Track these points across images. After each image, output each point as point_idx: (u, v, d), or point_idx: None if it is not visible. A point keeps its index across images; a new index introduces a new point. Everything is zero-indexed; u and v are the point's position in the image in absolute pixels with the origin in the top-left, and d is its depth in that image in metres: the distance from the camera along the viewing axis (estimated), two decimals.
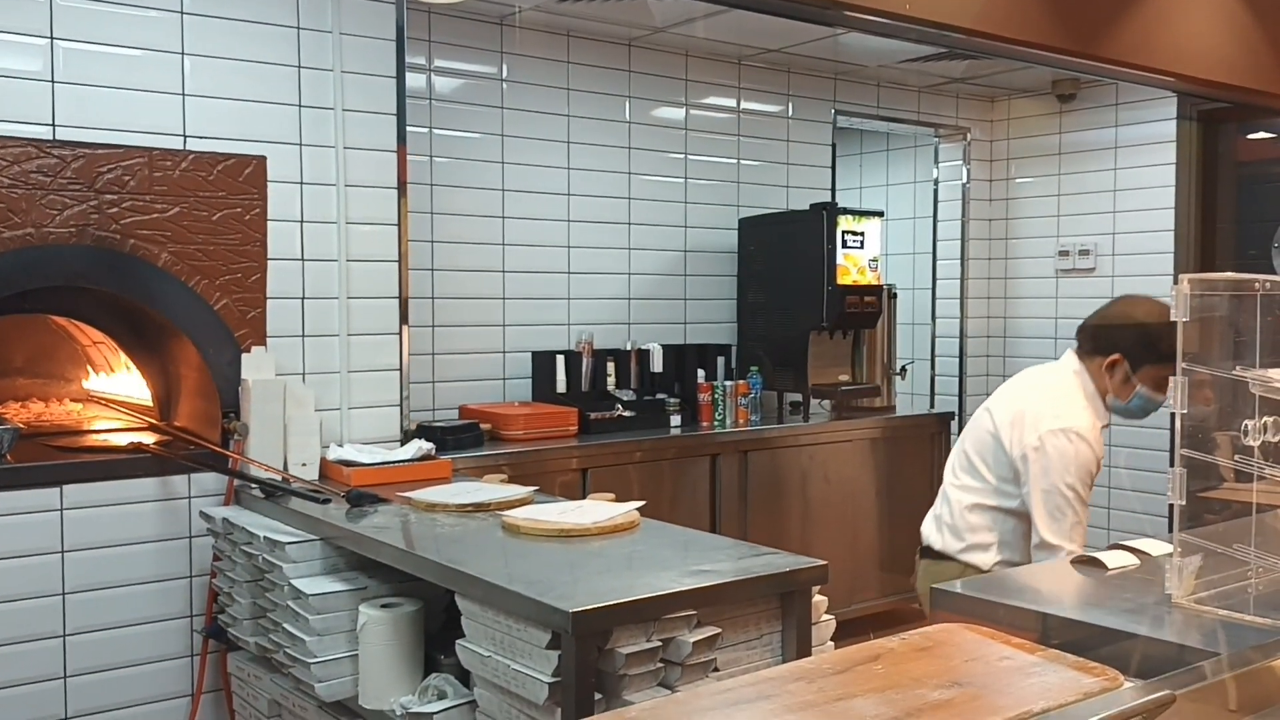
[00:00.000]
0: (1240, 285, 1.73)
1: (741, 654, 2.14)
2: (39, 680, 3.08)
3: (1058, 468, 2.70)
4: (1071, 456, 2.70)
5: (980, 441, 2.90)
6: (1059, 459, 2.70)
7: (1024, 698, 1.38)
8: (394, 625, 2.51)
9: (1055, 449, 2.70)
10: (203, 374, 3.38)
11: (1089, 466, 2.73)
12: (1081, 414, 2.77)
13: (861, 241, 4.95)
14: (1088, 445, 2.72)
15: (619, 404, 4.52)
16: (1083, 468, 2.71)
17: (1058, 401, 2.80)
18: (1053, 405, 2.79)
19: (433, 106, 4.43)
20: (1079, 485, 2.71)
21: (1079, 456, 2.70)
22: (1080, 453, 2.71)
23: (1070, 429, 2.72)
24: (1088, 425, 2.75)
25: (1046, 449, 2.71)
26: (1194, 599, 1.73)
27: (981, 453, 2.89)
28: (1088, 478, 2.73)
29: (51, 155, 3.09)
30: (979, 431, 2.93)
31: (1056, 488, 2.70)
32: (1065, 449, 2.70)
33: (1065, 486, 2.69)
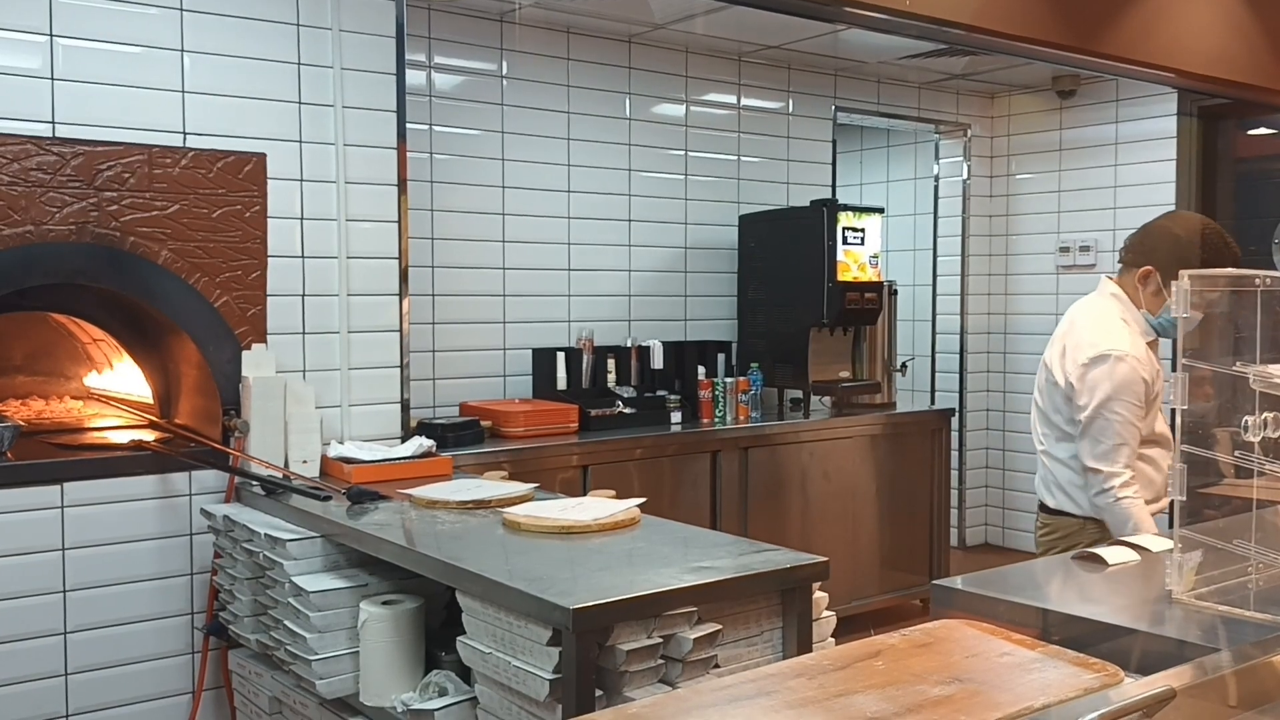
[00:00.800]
0: (1240, 281, 1.73)
1: (742, 650, 2.14)
2: (40, 678, 3.09)
3: (1099, 392, 2.71)
4: (1110, 378, 2.70)
5: (1044, 393, 2.92)
6: (1099, 383, 2.71)
7: (1024, 693, 1.39)
8: (395, 622, 2.51)
9: (1095, 374, 2.72)
10: (203, 371, 3.38)
11: (1132, 385, 2.72)
12: (1119, 335, 2.77)
13: (862, 238, 4.95)
14: (1126, 365, 2.71)
15: (619, 401, 4.52)
16: (1124, 388, 2.71)
17: (1094, 328, 2.82)
18: (1090, 333, 2.81)
19: (433, 103, 4.43)
20: (1120, 407, 2.71)
21: (1117, 377, 2.70)
22: (1118, 373, 2.71)
23: (1107, 352, 2.73)
24: (1126, 344, 2.75)
25: (1087, 376, 2.73)
26: (1194, 595, 1.73)
27: (1051, 402, 2.89)
28: (1132, 397, 2.72)
29: (51, 153, 3.09)
30: (1041, 383, 2.94)
31: (1099, 412, 2.71)
32: (1104, 372, 2.71)
33: (1106, 409, 2.70)
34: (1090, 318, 2.87)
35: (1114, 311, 2.85)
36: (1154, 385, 2.79)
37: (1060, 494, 2.89)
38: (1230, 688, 1.32)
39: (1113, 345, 2.75)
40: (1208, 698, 1.29)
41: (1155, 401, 2.83)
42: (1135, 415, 2.73)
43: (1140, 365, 2.75)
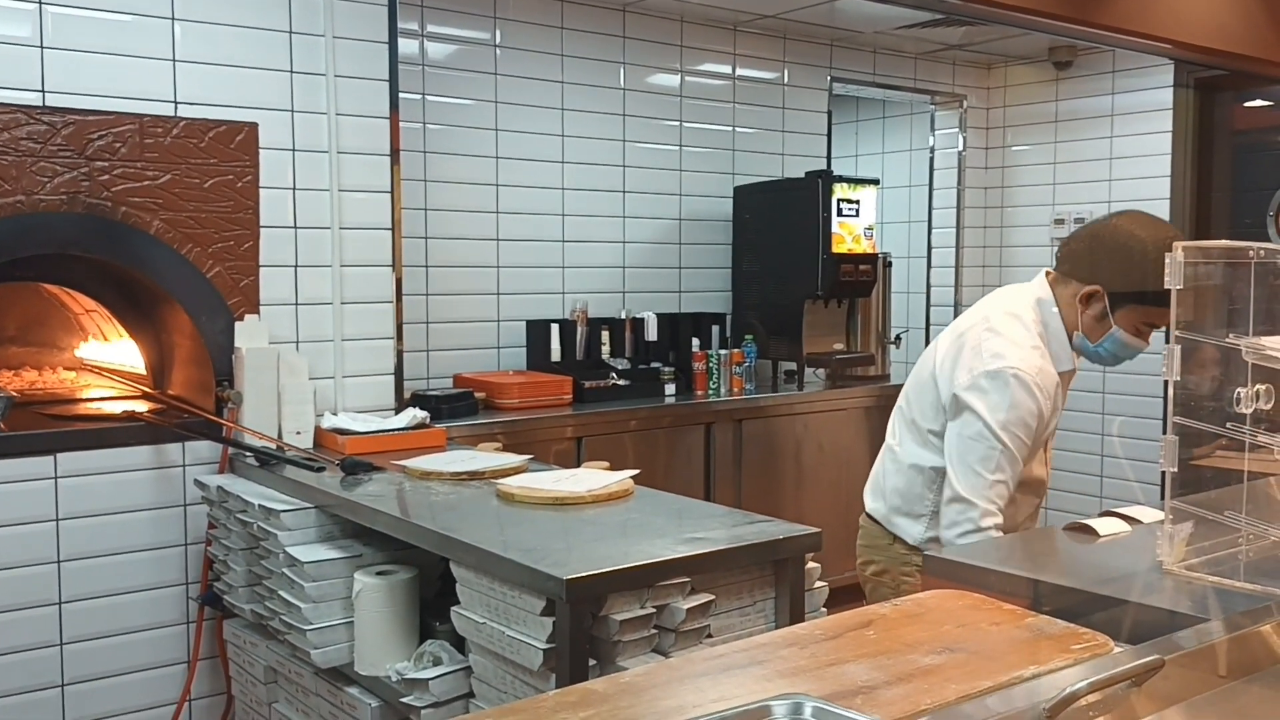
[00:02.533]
0: (1235, 253, 1.72)
1: (735, 620, 2.15)
2: (35, 648, 3.10)
3: (989, 415, 2.28)
4: (1005, 402, 2.28)
5: (918, 383, 2.51)
6: (992, 405, 2.29)
7: (1014, 663, 1.39)
8: (389, 592, 2.52)
9: (990, 391, 2.30)
10: (196, 342, 3.37)
11: (1027, 419, 2.30)
12: (1029, 357, 2.33)
13: (857, 210, 4.94)
14: (1028, 392, 2.29)
15: (613, 373, 4.52)
16: (1019, 418, 2.29)
17: (1004, 334, 2.36)
18: (996, 340, 2.35)
19: (425, 72, 4.40)
20: (1008, 439, 2.28)
21: (1016, 403, 2.28)
22: (1018, 399, 2.28)
23: (1010, 368, 2.30)
24: (1034, 368, 2.32)
25: (979, 389, 2.31)
26: (1184, 565, 1.74)
27: (919, 396, 2.49)
28: (1022, 431, 2.29)
29: (41, 122, 3.07)
30: (920, 371, 2.53)
31: (983, 435, 2.29)
32: (1001, 393, 2.29)
33: (993, 437, 2.28)
34: (1002, 323, 2.39)
35: (1032, 322, 2.40)
36: (1049, 424, 2.39)
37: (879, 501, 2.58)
38: (1220, 657, 1.33)
39: (1019, 364, 2.31)
40: (1197, 667, 1.30)
41: (1043, 443, 2.43)
42: (1020, 451, 2.31)
43: (1042, 396, 2.32)
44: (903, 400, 2.59)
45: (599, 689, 1.33)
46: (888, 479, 2.57)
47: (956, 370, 2.38)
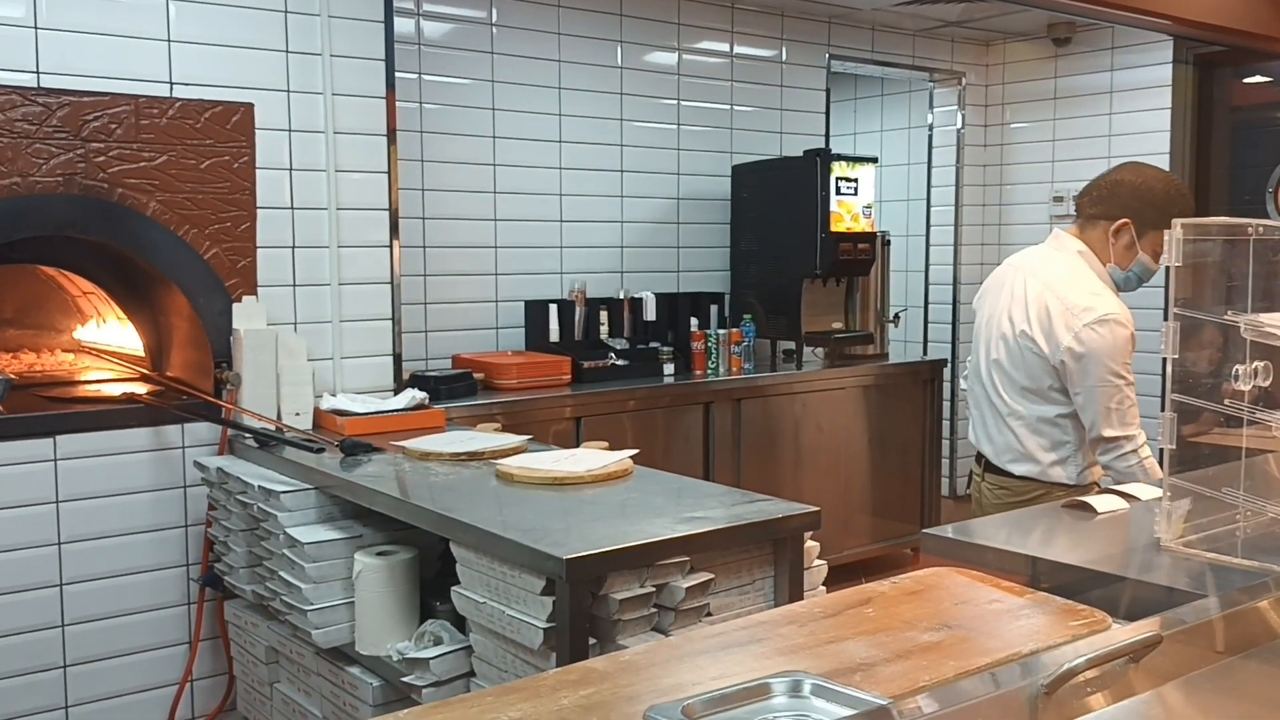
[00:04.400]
0: (1234, 230, 1.72)
1: (734, 599, 2.16)
2: (37, 629, 3.11)
3: (1105, 360, 2.63)
4: (1112, 344, 2.63)
5: (1013, 357, 2.77)
6: (1103, 351, 2.63)
7: (1012, 640, 1.40)
8: (389, 572, 2.52)
9: (1097, 342, 2.63)
10: (194, 324, 3.37)
11: (1128, 348, 2.68)
12: (1109, 297, 2.72)
13: (855, 188, 4.92)
14: (1123, 327, 2.66)
15: (612, 353, 4.52)
16: (1124, 350, 2.66)
17: (1081, 290, 2.70)
18: (1078, 296, 2.69)
19: (421, 52, 4.38)
20: (1125, 370, 2.66)
21: (1118, 341, 2.64)
22: (1118, 337, 2.64)
23: (1105, 316, 2.64)
24: (1117, 307, 2.69)
25: (1088, 344, 2.63)
26: (1182, 542, 1.74)
27: (1025, 368, 2.76)
28: (1129, 358, 2.68)
29: (36, 103, 3.06)
30: (1006, 347, 2.79)
31: (1108, 380, 2.64)
32: (1106, 338, 2.63)
33: (1114, 376, 2.64)
34: (1069, 280, 2.73)
35: (1091, 270, 2.77)
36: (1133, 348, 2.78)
37: (1029, 463, 2.78)
38: (1217, 633, 1.33)
39: (1108, 309, 2.66)
40: (1194, 643, 1.30)
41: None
42: (1132, 375, 2.70)
43: (1129, 325, 2.69)
44: (996, 372, 2.83)
45: (599, 667, 1.34)
46: (1026, 442, 2.78)
47: (1057, 332, 2.68)
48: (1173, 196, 2.74)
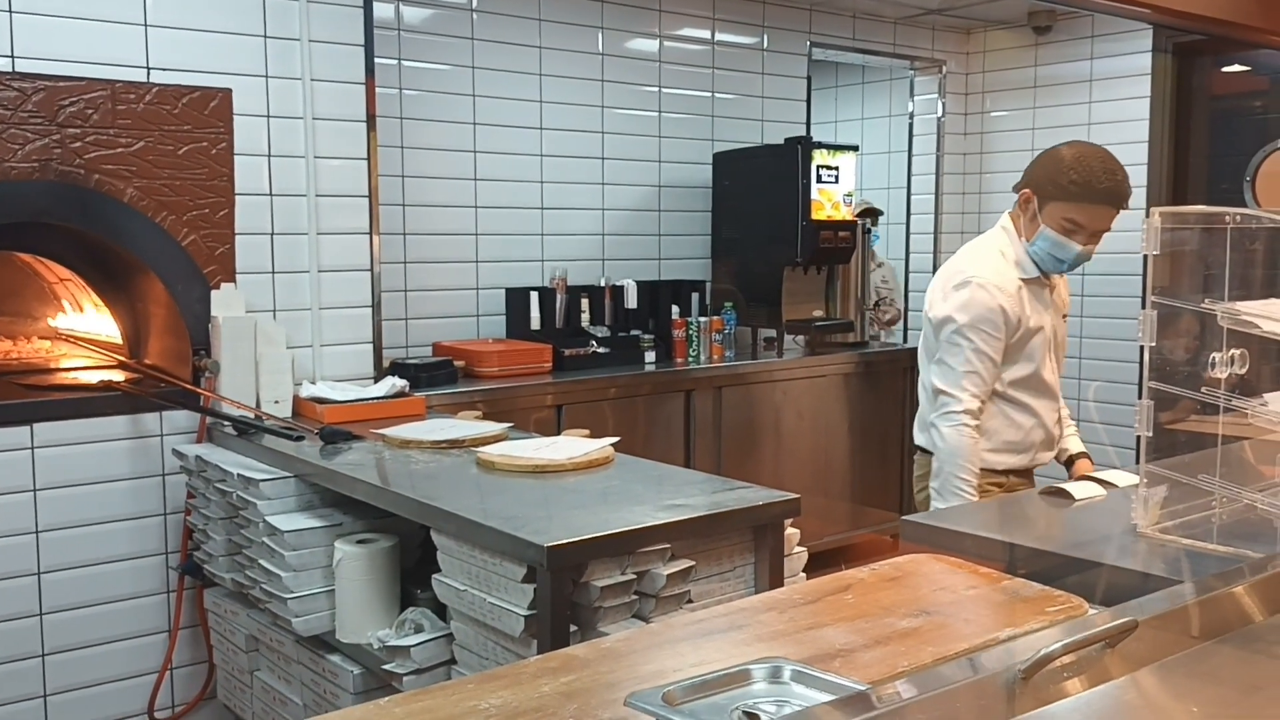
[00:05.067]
0: (1211, 218, 1.73)
1: (715, 586, 2.16)
2: (14, 618, 3.09)
3: (956, 317, 2.66)
4: (967, 304, 2.65)
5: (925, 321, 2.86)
6: (956, 308, 2.66)
7: (990, 625, 1.41)
8: (370, 561, 2.52)
9: (954, 299, 2.68)
10: (172, 311, 3.34)
11: (989, 315, 2.64)
12: (987, 264, 2.70)
13: (836, 176, 4.93)
14: (985, 292, 2.64)
15: (593, 340, 4.52)
16: (980, 316, 2.64)
17: (966, 256, 2.78)
18: (960, 260, 2.77)
19: (401, 37, 4.35)
20: (973, 334, 2.64)
21: (975, 303, 2.64)
22: (976, 299, 2.64)
23: (969, 278, 2.67)
24: (989, 273, 2.67)
25: (947, 301, 2.70)
26: (1159, 529, 1.76)
27: (924, 334, 2.85)
28: (989, 326, 2.64)
29: (11, 88, 3.03)
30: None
31: (952, 337, 2.67)
32: (962, 297, 2.66)
33: (959, 334, 2.65)
34: (969, 247, 2.84)
35: (995, 243, 2.77)
36: (1025, 323, 2.70)
37: (924, 432, 2.83)
38: (1192, 619, 1.34)
39: (975, 272, 2.68)
40: (1170, 629, 1.32)
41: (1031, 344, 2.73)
42: (990, 347, 2.66)
43: (1002, 295, 2.66)
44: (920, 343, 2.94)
45: (580, 654, 1.34)
46: (924, 409, 2.85)
47: (933, 295, 2.79)
48: (1076, 168, 2.64)
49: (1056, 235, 2.68)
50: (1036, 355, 2.75)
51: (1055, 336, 2.81)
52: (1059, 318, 2.85)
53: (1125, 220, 2.74)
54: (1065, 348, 2.91)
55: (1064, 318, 2.89)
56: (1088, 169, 2.63)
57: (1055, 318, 2.82)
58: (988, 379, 2.68)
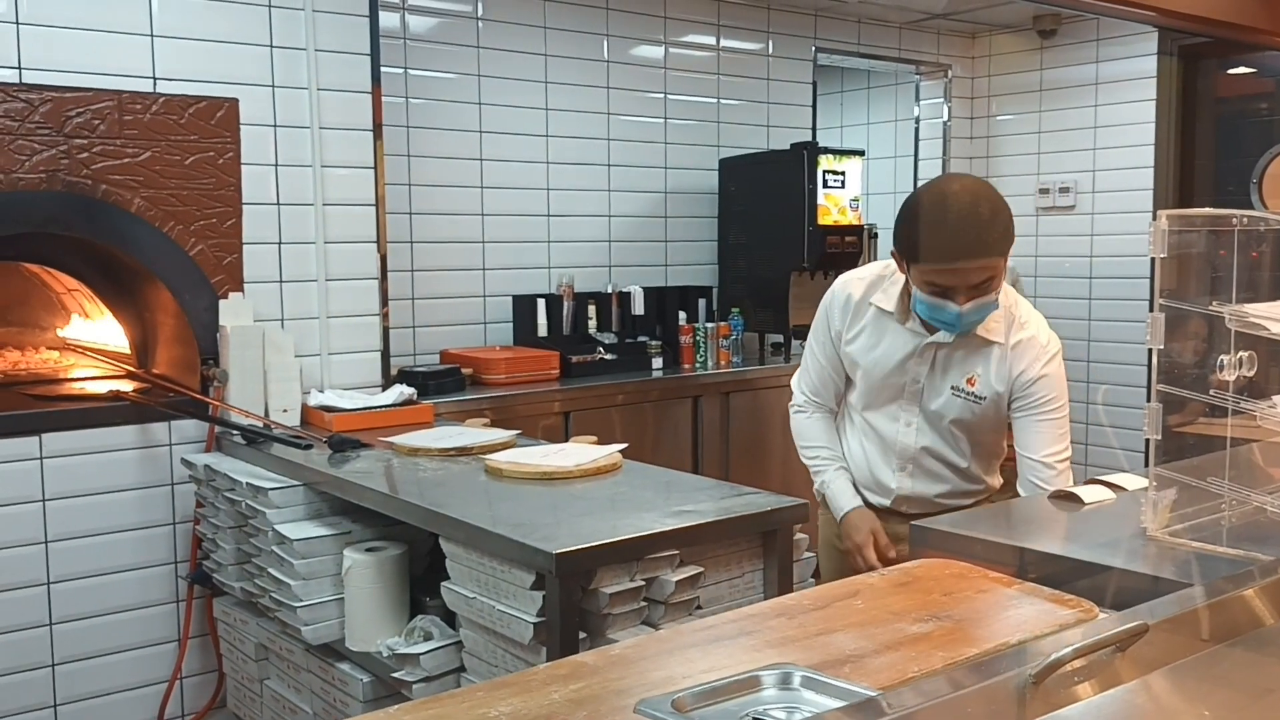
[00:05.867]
0: (1218, 221, 1.73)
1: (724, 592, 2.16)
2: (24, 628, 3.10)
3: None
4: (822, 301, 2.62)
5: None
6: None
7: (1000, 630, 1.41)
8: (379, 568, 2.52)
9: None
10: (180, 321, 3.35)
11: (822, 314, 2.60)
12: (850, 275, 2.59)
13: (843, 181, 4.93)
14: (829, 295, 2.59)
15: (600, 347, 4.52)
16: (818, 314, 2.62)
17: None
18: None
19: (407, 46, 4.36)
20: (810, 332, 2.65)
21: (821, 302, 2.62)
22: (823, 299, 2.61)
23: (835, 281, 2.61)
24: (841, 283, 2.58)
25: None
26: (1168, 532, 1.75)
27: None
28: (816, 332, 2.62)
29: (18, 99, 3.04)
30: None
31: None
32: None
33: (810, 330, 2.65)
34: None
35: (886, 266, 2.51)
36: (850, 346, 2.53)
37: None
38: (1203, 622, 1.34)
39: (837, 281, 2.61)
40: (1180, 632, 1.31)
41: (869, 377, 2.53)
42: (819, 348, 2.62)
43: (833, 304, 2.56)
44: None
45: (589, 661, 1.34)
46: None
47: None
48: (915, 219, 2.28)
49: (927, 299, 2.31)
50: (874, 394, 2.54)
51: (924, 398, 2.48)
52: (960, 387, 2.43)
53: (1132, 224, 2.71)
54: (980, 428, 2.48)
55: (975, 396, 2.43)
56: (927, 219, 2.26)
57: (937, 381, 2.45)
58: (817, 379, 2.67)
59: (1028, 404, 2.42)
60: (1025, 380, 2.41)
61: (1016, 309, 2.45)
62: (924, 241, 2.25)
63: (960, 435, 2.50)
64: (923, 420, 2.51)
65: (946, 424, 2.49)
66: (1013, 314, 2.44)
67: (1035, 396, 2.41)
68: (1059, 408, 2.43)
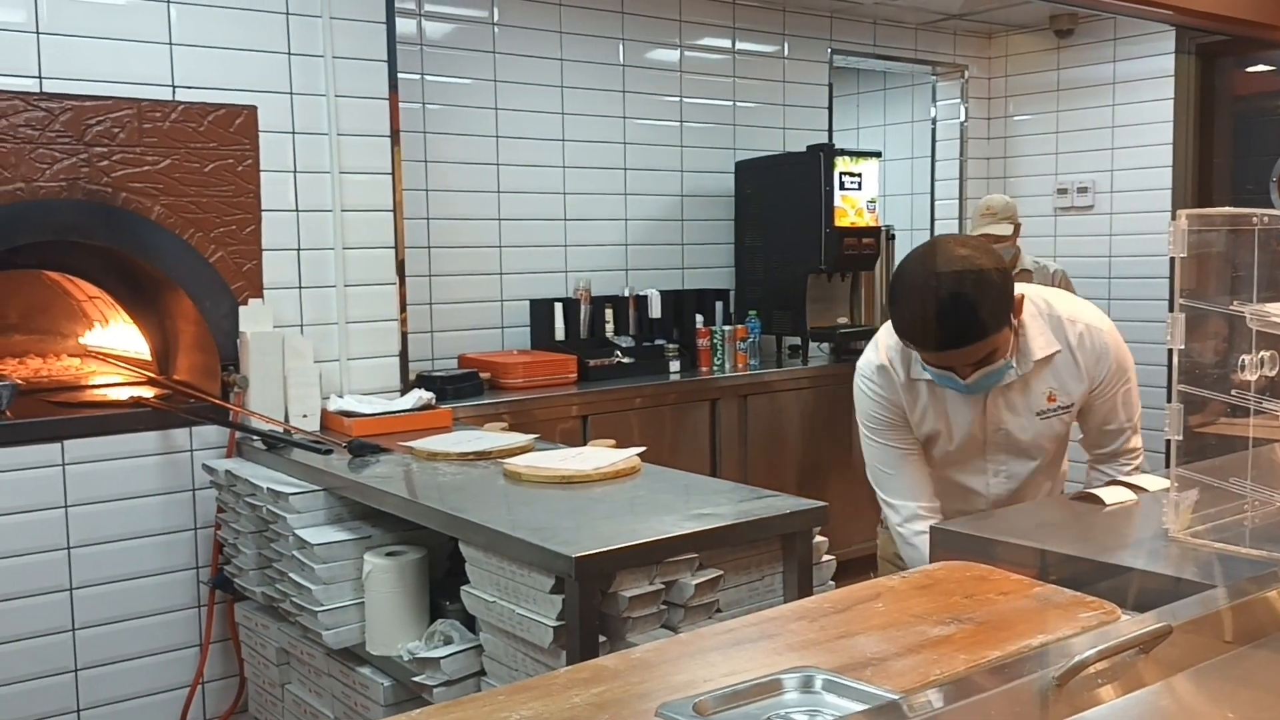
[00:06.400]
0: (1238, 220, 1.72)
1: (743, 595, 2.16)
2: (47, 633, 3.12)
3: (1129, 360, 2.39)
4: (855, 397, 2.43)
5: None
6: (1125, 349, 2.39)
7: (1023, 632, 1.40)
8: (399, 573, 2.53)
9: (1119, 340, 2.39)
10: (200, 327, 3.37)
11: (866, 409, 2.39)
12: (872, 352, 2.40)
13: (859, 183, 4.92)
14: (859, 387, 2.40)
15: (618, 350, 4.53)
16: (860, 410, 2.41)
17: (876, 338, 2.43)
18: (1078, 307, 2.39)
19: (424, 52, 4.38)
20: (861, 429, 2.43)
21: (856, 397, 2.42)
22: (856, 394, 2.42)
23: (858, 366, 2.43)
24: (868, 366, 2.38)
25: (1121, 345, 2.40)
26: (1190, 533, 1.74)
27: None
28: (867, 419, 2.40)
29: (39, 108, 3.07)
30: None
31: (1127, 382, 2.40)
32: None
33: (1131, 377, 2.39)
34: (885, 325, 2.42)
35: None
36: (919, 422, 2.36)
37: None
38: (1226, 624, 1.33)
39: (860, 361, 2.42)
40: (1203, 633, 1.30)
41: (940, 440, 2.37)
42: (879, 439, 2.38)
43: (872, 388, 2.36)
44: None
45: (611, 665, 1.34)
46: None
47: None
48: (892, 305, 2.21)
49: (931, 369, 2.23)
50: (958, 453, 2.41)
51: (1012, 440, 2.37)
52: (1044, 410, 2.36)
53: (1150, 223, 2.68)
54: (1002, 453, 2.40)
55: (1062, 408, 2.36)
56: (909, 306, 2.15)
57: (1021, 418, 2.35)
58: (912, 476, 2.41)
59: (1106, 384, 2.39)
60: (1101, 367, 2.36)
61: (1054, 308, 2.36)
62: (907, 333, 2.18)
63: (1049, 447, 2.43)
64: (1012, 459, 2.41)
65: (1042, 445, 2.41)
66: (1055, 315, 2.35)
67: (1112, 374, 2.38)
68: (1131, 376, 2.41)
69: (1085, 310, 2.41)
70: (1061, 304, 2.39)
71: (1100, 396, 2.40)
